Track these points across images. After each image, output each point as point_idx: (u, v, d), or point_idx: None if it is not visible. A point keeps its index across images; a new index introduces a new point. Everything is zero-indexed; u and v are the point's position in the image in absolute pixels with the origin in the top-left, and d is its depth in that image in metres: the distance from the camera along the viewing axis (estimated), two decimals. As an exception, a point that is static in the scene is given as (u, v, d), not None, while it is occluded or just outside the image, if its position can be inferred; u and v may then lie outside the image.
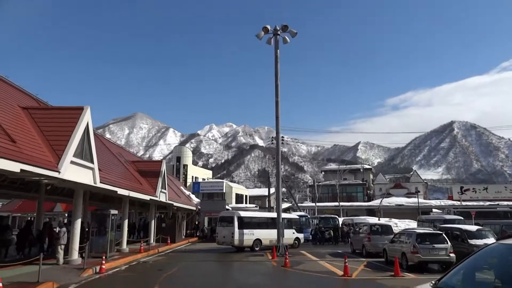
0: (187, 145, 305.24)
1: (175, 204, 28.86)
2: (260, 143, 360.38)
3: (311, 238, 30.73)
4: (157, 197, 22.99)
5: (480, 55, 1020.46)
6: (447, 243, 14.22)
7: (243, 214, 23.87)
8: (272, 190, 43.90)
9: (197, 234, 35.65)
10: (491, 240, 13.91)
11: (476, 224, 23.62)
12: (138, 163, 26.36)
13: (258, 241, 22.92)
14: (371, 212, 49.41)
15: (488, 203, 47.83)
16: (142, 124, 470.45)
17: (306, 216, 33.30)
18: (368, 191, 62.43)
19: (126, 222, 21.35)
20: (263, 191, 60.12)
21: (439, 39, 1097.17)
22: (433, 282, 5.15)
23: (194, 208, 37.96)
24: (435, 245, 14.10)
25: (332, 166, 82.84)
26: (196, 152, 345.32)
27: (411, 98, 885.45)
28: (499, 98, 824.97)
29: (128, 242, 22.02)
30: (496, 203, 47.52)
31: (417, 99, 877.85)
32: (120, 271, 14.29)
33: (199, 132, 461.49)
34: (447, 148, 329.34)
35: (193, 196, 43.23)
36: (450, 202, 50.72)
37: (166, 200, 25.92)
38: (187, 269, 15.36)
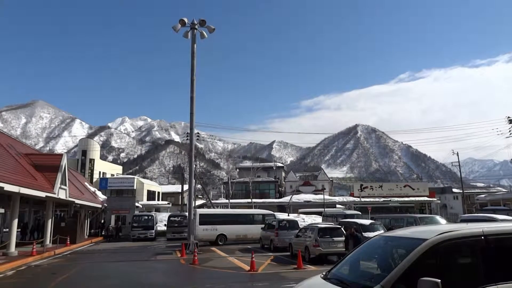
0: (96, 138, 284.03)
1: (77, 201, 26.58)
2: (176, 138, 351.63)
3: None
4: (55, 194, 20.89)
5: (382, 65, 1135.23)
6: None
7: (203, 211, 26.03)
8: (186, 187, 43.14)
9: (102, 233, 33.39)
10: (381, 232, 15.53)
11: (371, 218, 26.08)
12: (33, 156, 23.60)
13: (222, 236, 24.55)
14: (282, 208, 51.55)
15: (382, 199, 53.42)
16: (43, 113, 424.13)
17: (218, 212, 33.38)
18: (280, 188, 65.12)
19: (15, 222, 18.98)
20: (177, 188, 58.79)
21: (351, 48, 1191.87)
22: (323, 273, 5.51)
23: (100, 206, 35.48)
24: (334, 238, 15.23)
25: (247, 163, 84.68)
26: (106, 146, 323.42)
27: (323, 101, 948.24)
28: (395, 106, 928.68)
29: (19, 245, 19.66)
30: (389, 199, 53.35)
31: (328, 103, 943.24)
32: (5, 277, 12.64)
33: (109, 124, 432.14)
34: (352, 149, 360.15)
35: (99, 193, 40.36)
36: (351, 198, 55.44)
37: (66, 197, 23.71)
38: (86, 271, 14.25)
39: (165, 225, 33.13)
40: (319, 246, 14.99)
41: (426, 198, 54.88)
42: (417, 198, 54.32)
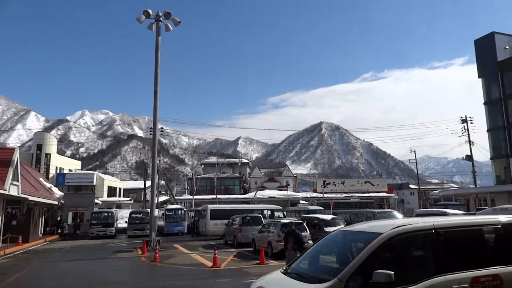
0: (53, 131, 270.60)
1: (30, 198, 25.21)
2: (140, 133, 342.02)
3: (185, 231, 30.63)
4: (5, 190, 19.69)
5: (347, 65, 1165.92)
6: (307, 231, 15.73)
7: (214, 207, 26.70)
8: (149, 183, 42.19)
9: (58, 231, 31.94)
10: (341, 227, 15.96)
11: (333, 213, 26.77)
12: (-18, 149, 22.10)
13: None
14: (246, 204, 51.66)
15: (344, 195, 54.95)
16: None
17: (182, 209, 32.97)
18: (245, 184, 65.26)
19: (-40, 220, 17.71)
20: (140, 184, 57.35)
21: (318, 46, 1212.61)
22: (284, 268, 5.55)
23: (56, 203, 33.89)
24: (296, 233, 15.43)
25: (212, 159, 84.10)
26: (64, 140, 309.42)
27: (289, 98, 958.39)
28: (358, 104, 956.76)
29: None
30: (350, 195, 54.96)
31: (294, 100, 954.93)
32: None
33: (68, 118, 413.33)
34: (316, 145, 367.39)
35: (55, 189, 38.53)
36: (314, 194, 56.58)
37: (18, 194, 22.41)
38: (39, 270, 13.56)
39: (126, 222, 32.25)
40: (281, 241, 15.12)
41: (385, 194, 57.07)
42: (376, 194, 56.36)
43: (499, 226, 4.86)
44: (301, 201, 52.70)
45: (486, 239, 4.90)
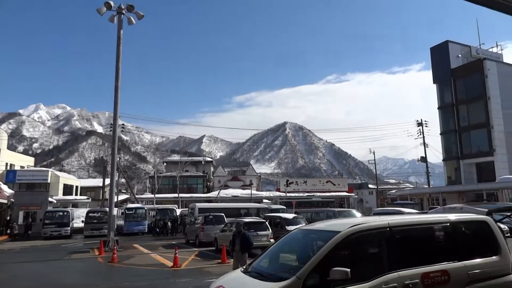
0: (3, 125, 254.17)
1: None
2: (99, 129, 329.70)
3: (146, 231, 29.93)
4: None
5: (312, 66, 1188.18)
6: (269, 230, 15.88)
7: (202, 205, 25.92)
8: (109, 180, 40.78)
9: (7, 231, 30.08)
10: (302, 226, 16.27)
11: (295, 212, 27.19)
12: None
13: None
14: (209, 203, 51.35)
15: (306, 194, 55.98)
16: None
17: (143, 208, 32.16)
18: (208, 183, 64.77)
19: None
20: (98, 182, 55.27)
21: (284, 47, 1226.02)
22: (244, 267, 5.56)
23: (5, 201, 31.92)
24: (258, 232, 15.54)
25: (175, 157, 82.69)
26: (16, 135, 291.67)
27: (255, 98, 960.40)
28: (322, 105, 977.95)
29: None
30: (312, 194, 56.08)
31: (260, 100, 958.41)
32: None
33: (21, 111, 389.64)
34: (280, 145, 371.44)
35: (5, 187, 36.26)
36: (278, 193, 57.19)
37: (-38, 192, 20.87)
38: (-15, 274, 12.69)
39: (82, 221, 30.98)
40: (244, 240, 15.16)
41: (345, 193, 58.79)
42: (337, 193, 57.93)
43: (448, 224, 5.14)
44: (264, 200, 53.08)
45: (436, 236, 5.16)
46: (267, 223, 16.57)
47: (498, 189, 36.17)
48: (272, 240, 15.63)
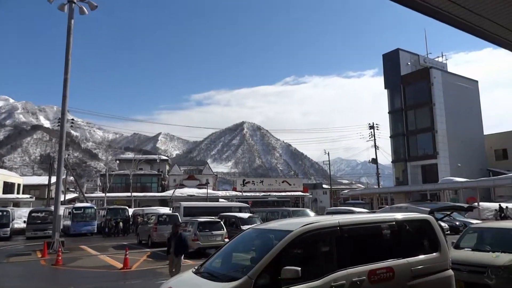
0: None
1: None
2: (46, 124, 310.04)
3: (95, 231, 28.63)
4: None
5: (271, 67, 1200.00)
6: (223, 230, 15.79)
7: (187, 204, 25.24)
8: (55, 178, 38.52)
9: None
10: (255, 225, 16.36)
11: (251, 212, 27.28)
12: None
13: None
14: (164, 202, 50.18)
15: (262, 194, 56.44)
16: None
17: (92, 207, 30.71)
18: (163, 182, 63.27)
19: None
20: (44, 180, 52.04)
21: (243, 48, 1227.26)
22: (196, 267, 5.45)
23: None
24: (213, 232, 15.41)
25: (129, 155, 79.87)
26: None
27: (214, 96, 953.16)
28: (280, 106, 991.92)
29: None
30: (268, 194, 56.65)
31: (218, 98, 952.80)
32: None
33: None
34: (237, 145, 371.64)
35: None
36: (234, 193, 57.15)
37: None
38: None
39: (24, 221, 28.95)
40: (197, 240, 14.97)
41: (300, 193, 60.00)
42: (293, 193, 58.98)
43: (394, 223, 5.37)
44: (220, 200, 52.80)
45: (383, 235, 5.37)
46: (222, 222, 16.46)
47: (441, 190, 38.72)
48: (226, 240, 15.57)
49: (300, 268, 4.04)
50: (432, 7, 5.23)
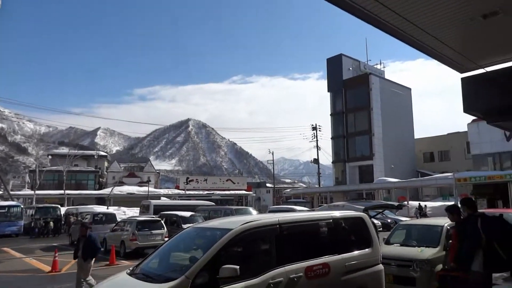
0: None
1: None
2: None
3: (21, 232, 26.41)
4: None
5: (219, 65, 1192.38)
6: (164, 229, 15.34)
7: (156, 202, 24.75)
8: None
9: None
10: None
11: (194, 210, 26.82)
12: None
13: None
14: (101, 200, 47.69)
15: (206, 192, 55.94)
16: None
17: (18, 206, 28.23)
18: (101, 179, 60.11)
19: None
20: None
21: (191, 44, 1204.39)
22: (130, 268, 5.19)
23: None
24: (153, 231, 14.92)
25: (64, 150, 74.65)
26: None
27: (158, 91, 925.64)
28: (226, 104, 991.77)
29: None
30: (212, 192, 56.30)
31: (163, 94, 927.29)
32: None
33: None
34: (182, 142, 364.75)
35: None
36: (177, 191, 55.98)
37: None
38: None
39: None
40: (136, 239, 14.39)
41: (244, 192, 60.41)
42: (236, 192, 59.20)
43: (331, 220, 5.56)
44: (162, 198, 51.39)
45: (320, 232, 5.54)
46: (162, 221, 15.99)
47: (375, 189, 41.17)
48: (166, 239, 15.16)
49: (238, 267, 4.02)
50: (372, 15, 5.47)
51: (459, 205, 5.51)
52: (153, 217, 17.20)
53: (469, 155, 41.02)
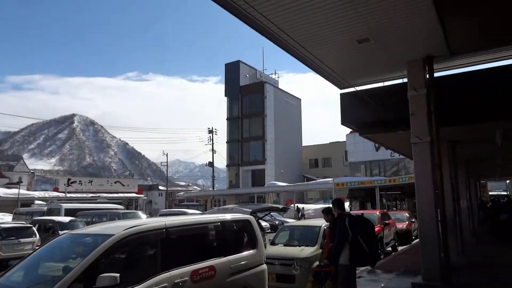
0: None
1: None
2: None
3: None
4: None
5: (113, 60, 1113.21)
6: (36, 236, 13.59)
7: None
8: None
9: None
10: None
11: (76, 215, 24.35)
12: None
13: None
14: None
15: (91, 195, 51.43)
16: None
17: None
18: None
19: None
20: None
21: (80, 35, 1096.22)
22: (-12, 284, 4.48)
23: None
24: (21, 239, 13.10)
25: None
26: None
27: (38, 81, 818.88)
28: (119, 101, 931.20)
29: None
30: (98, 195, 52.03)
31: (44, 84, 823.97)
32: None
33: None
34: (65, 139, 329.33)
35: None
36: (55, 193, 50.24)
37: None
38: None
39: None
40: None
41: (134, 195, 57.28)
42: (126, 194, 55.78)
43: (219, 223, 5.64)
44: (36, 202, 45.50)
45: (208, 235, 5.58)
46: (34, 228, 14.15)
47: (266, 193, 43.33)
48: (36, 247, 13.47)
49: (118, 275, 3.79)
50: (265, 27, 5.78)
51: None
52: (22, 224, 15.12)
53: (347, 163, 46.26)
